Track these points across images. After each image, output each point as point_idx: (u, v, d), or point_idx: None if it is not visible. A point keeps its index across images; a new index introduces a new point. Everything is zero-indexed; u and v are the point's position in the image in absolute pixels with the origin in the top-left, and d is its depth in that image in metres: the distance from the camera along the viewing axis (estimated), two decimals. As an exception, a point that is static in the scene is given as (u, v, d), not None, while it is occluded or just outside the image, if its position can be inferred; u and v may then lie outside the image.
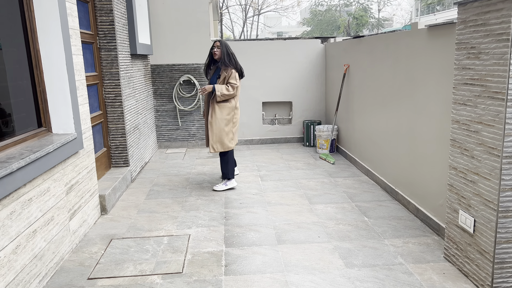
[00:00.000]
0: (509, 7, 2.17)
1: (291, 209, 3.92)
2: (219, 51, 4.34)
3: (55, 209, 2.91)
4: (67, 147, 3.09)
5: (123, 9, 4.87)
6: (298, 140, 6.90)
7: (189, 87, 6.53)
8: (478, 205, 2.51)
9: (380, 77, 4.43)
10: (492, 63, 2.31)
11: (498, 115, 2.28)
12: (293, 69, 6.67)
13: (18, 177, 2.37)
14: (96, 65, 4.43)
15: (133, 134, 5.10)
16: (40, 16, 3.04)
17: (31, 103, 3.06)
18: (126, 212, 3.94)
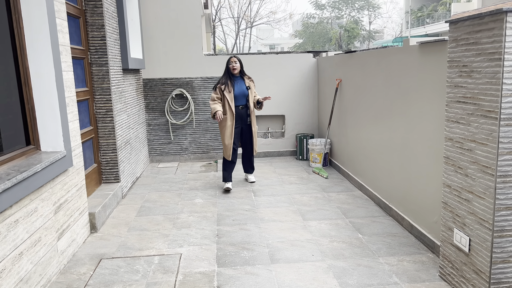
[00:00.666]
0: (500, 27, 2.18)
1: (285, 226, 3.87)
2: (237, 65, 4.89)
3: (43, 229, 2.84)
4: (56, 165, 3.02)
5: (115, 24, 4.84)
6: (291, 154, 6.88)
7: (182, 101, 6.50)
8: (473, 224, 2.49)
9: (372, 92, 4.43)
10: (485, 82, 2.31)
11: (492, 134, 2.27)
12: (286, 83, 6.67)
13: (3, 199, 2.30)
14: (87, 80, 4.39)
15: (124, 149, 5.04)
16: (30, 33, 3.00)
17: (20, 120, 3.00)
18: (117, 230, 3.86)
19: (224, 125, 4.93)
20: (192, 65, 6.42)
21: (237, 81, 4.96)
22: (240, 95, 4.92)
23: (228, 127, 4.91)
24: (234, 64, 4.89)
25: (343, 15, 36.87)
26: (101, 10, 4.40)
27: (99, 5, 4.39)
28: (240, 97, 4.94)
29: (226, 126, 4.91)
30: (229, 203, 4.54)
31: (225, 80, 4.91)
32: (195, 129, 6.59)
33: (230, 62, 4.93)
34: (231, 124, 4.90)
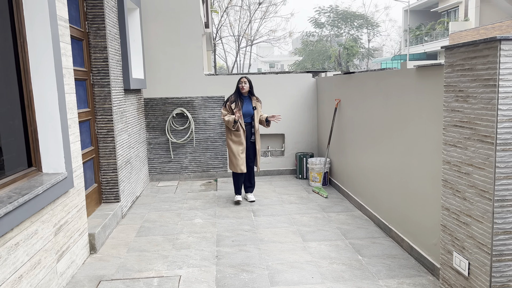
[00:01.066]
0: (494, 54, 2.23)
1: (284, 247, 3.87)
2: (246, 86, 5.14)
3: (43, 251, 2.85)
4: (57, 187, 3.04)
5: (117, 45, 4.93)
6: (291, 172, 6.90)
7: (182, 120, 6.55)
8: (472, 247, 2.50)
9: (371, 113, 4.48)
10: (480, 107, 2.35)
11: (488, 159, 2.30)
12: (285, 102, 6.74)
13: (5, 222, 2.32)
14: (89, 101, 4.44)
15: (125, 168, 5.06)
16: (34, 56, 3.06)
17: (22, 142, 3.04)
18: (116, 251, 3.86)
19: (237, 141, 5.17)
20: (193, 84, 6.49)
21: (245, 100, 5.23)
22: (246, 114, 5.19)
23: (242, 142, 5.17)
24: (243, 84, 5.16)
25: (342, 33, 37.31)
26: (104, 33, 4.49)
27: (102, 27, 4.47)
28: (246, 115, 5.21)
29: (240, 141, 5.17)
30: (228, 223, 4.54)
31: (234, 98, 5.19)
32: (195, 148, 6.63)
33: (240, 82, 5.19)
34: (243, 139, 5.17)
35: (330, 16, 36.79)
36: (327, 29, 37.61)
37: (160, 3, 6.29)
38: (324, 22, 37.26)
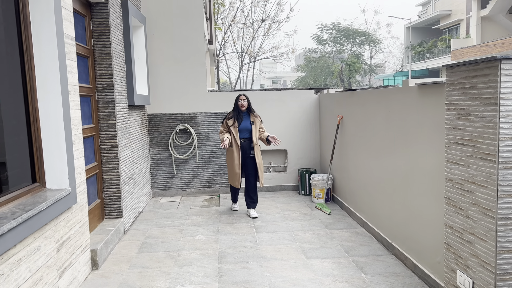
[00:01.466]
0: (495, 73, 2.25)
1: (287, 264, 3.85)
2: (245, 103, 5.37)
3: (45, 268, 2.84)
4: (60, 203, 3.06)
5: (122, 62, 4.99)
6: (293, 188, 6.89)
7: (185, 136, 6.59)
8: (476, 266, 2.48)
9: (373, 130, 4.50)
10: (482, 125, 2.37)
11: (491, 177, 2.31)
12: (288, 118, 6.77)
13: (8, 238, 2.33)
14: (93, 117, 4.48)
15: (128, 184, 5.07)
16: (40, 73, 3.11)
17: (27, 158, 3.06)
18: (118, 267, 3.85)
19: (231, 157, 5.40)
20: (196, 100, 6.55)
21: (243, 116, 5.43)
22: (244, 129, 5.40)
23: (235, 159, 5.37)
24: (242, 102, 5.39)
25: (344, 49, 37.64)
26: (109, 50, 4.55)
27: (107, 45, 4.55)
28: (244, 131, 5.40)
29: (233, 157, 5.38)
30: (231, 240, 4.52)
31: (232, 115, 5.43)
32: (198, 164, 6.64)
33: (239, 99, 5.41)
34: (238, 156, 5.37)
35: (333, 33, 37.21)
36: (330, 45, 37.98)
37: (165, 20, 6.39)
38: (326, 39, 37.66)
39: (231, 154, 5.40)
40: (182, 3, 6.41)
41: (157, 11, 6.36)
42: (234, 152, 5.37)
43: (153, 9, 6.34)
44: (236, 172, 5.38)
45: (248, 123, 5.41)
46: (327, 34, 37.48)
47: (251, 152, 5.41)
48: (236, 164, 5.36)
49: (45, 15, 3.10)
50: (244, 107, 5.39)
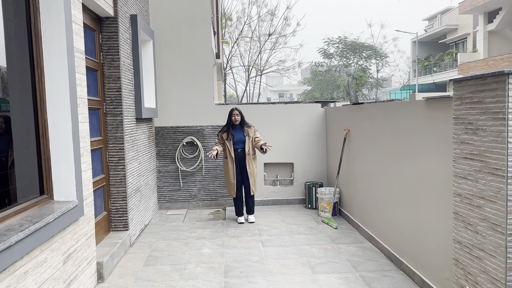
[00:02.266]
0: (502, 88, 2.25)
1: (293, 279, 3.81)
2: (239, 118, 5.66)
3: (51, 280, 2.84)
4: (67, 215, 3.07)
5: (130, 76, 5.05)
6: (300, 202, 6.85)
7: (192, 148, 6.61)
8: (485, 283, 2.44)
9: (380, 143, 4.48)
10: (490, 140, 2.35)
11: (500, 192, 2.29)
12: (294, 131, 6.78)
13: (15, 250, 2.34)
14: (101, 129, 4.52)
15: (134, 196, 5.08)
16: (50, 87, 3.16)
17: (35, 170, 3.09)
18: (123, 280, 3.83)
19: (227, 168, 5.75)
20: (203, 113, 6.59)
21: (236, 129, 5.73)
22: (238, 141, 5.70)
23: (230, 169, 5.69)
24: (236, 117, 5.68)
25: (351, 63, 37.74)
26: (118, 63, 4.61)
27: (116, 58, 4.61)
28: (238, 142, 5.71)
29: (228, 168, 5.72)
30: (237, 254, 4.50)
31: (226, 129, 5.74)
32: (204, 176, 6.65)
33: (232, 115, 5.70)
34: (232, 167, 5.68)
35: (339, 47, 37.35)
36: (336, 59, 38.11)
37: (173, 35, 6.47)
38: (333, 53, 37.80)
39: (226, 165, 5.74)
40: (190, 18, 6.49)
41: (166, 26, 6.44)
42: (228, 164, 5.70)
43: (161, 23, 6.43)
44: (231, 182, 5.70)
45: (242, 135, 5.71)
46: (334, 48, 37.64)
47: (245, 161, 5.70)
48: (231, 174, 5.68)
49: (56, 29, 3.15)
50: (237, 121, 5.69)
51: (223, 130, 5.74)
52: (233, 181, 5.69)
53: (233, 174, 5.67)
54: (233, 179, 5.68)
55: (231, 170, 5.67)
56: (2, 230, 2.40)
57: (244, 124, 5.75)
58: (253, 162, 5.77)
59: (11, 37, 2.87)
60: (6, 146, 2.79)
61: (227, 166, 5.71)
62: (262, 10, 32.40)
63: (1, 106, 2.81)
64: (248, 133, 5.70)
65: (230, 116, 5.69)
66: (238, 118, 5.67)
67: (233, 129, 5.69)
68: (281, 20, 32.19)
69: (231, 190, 5.74)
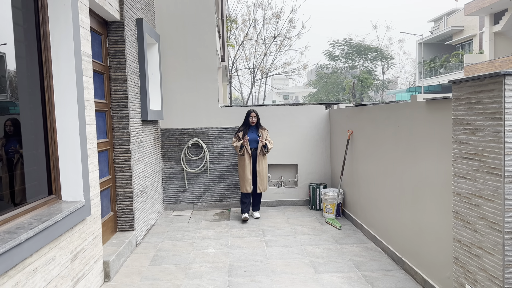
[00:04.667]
0: (499, 89, 2.29)
1: (296, 278, 3.86)
2: (256, 119, 6.02)
3: (59, 278, 2.92)
4: (75, 214, 3.15)
5: (136, 78, 5.14)
6: (304, 203, 6.90)
7: (197, 150, 6.69)
8: (484, 280, 2.48)
9: (382, 144, 4.53)
10: (488, 140, 2.40)
11: (497, 191, 2.33)
12: (298, 133, 6.83)
13: (25, 247, 2.41)
14: (108, 131, 4.61)
15: (140, 197, 5.16)
16: (59, 89, 3.24)
17: (44, 171, 3.17)
18: (129, 279, 3.91)
19: (243, 164, 5.97)
20: (208, 116, 6.66)
21: (252, 129, 6.03)
22: (253, 140, 6.00)
23: (247, 165, 5.95)
24: (253, 118, 6.04)
25: (356, 65, 37.72)
26: (124, 67, 4.70)
27: (122, 62, 4.70)
28: (252, 142, 6.00)
29: (245, 164, 5.95)
30: (241, 254, 4.56)
31: (243, 128, 6.04)
32: (209, 178, 6.72)
33: (250, 116, 6.04)
34: (249, 163, 5.95)
35: (344, 49, 37.35)
36: (341, 61, 38.11)
37: (178, 38, 6.56)
38: (338, 55, 37.81)
39: (243, 161, 5.97)
40: (195, 22, 6.58)
41: (171, 29, 6.54)
42: (245, 160, 5.95)
43: (167, 27, 6.52)
44: (248, 178, 5.95)
45: (256, 135, 6.01)
46: (339, 50, 37.65)
47: (256, 160, 6.01)
48: (247, 170, 5.93)
49: (63, 34, 3.24)
50: (254, 123, 6.04)
51: (240, 130, 6.06)
52: (250, 177, 5.94)
53: (250, 170, 5.94)
54: (250, 174, 5.94)
55: (247, 166, 5.93)
56: (12, 228, 2.48)
57: (259, 126, 6.08)
58: (262, 161, 6.02)
59: (21, 42, 2.96)
60: (16, 148, 2.87)
61: (244, 162, 5.95)
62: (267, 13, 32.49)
63: (10, 109, 2.90)
64: (262, 134, 6.01)
65: (248, 117, 6.03)
66: (255, 120, 6.03)
67: (248, 129, 6.02)
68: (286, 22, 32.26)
69: (248, 185, 5.95)
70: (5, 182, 2.72)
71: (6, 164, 2.75)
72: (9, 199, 2.75)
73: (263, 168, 6.02)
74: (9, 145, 2.84)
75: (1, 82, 2.77)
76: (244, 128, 6.03)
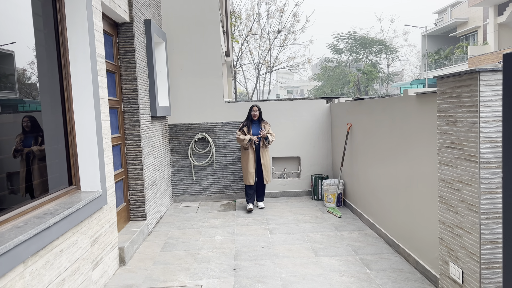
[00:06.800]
0: (475, 84, 2.55)
1: (298, 261, 4.15)
2: (257, 113, 6.22)
3: (81, 260, 3.23)
4: (93, 203, 3.45)
5: (145, 77, 5.43)
6: (307, 194, 7.18)
7: (204, 144, 6.98)
8: (464, 257, 2.75)
9: (379, 136, 4.79)
10: (466, 130, 2.66)
11: (474, 176, 2.59)
12: (301, 127, 7.10)
13: (53, 231, 2.72)
14: (120, 127, 4.91)
15: (151, 189, 5.47)
16: (76, 89, 3.54)
17: (64, 164, 3.48)
18: (143, 264, 4.22)
19: (246, 158, 6.22)
20: (214, 111, 6.95)
21: (255, 124, 6.26)
22: (255, 134, 6.23)
23: (251, 159, 6.18)
24: (255, 112, 6.24)
25: (361, 58, 37.76)
26: (134, 66, 4.99)
27: (132, 61, 4.98)
28: (255, 135, 6.22)
29: (249, 158, 6.19)
30: (246, 240, 4.85)
31: (246, 123, 6.25)
32: (215, 170, 7.01)
33: (252, 110, 6.26)
34: (252, 157, 6.19)
35: (349, 42, 37.40)
36: (346, 54, 38.17)
37: (184, 37, 6.83)
38: (342, 48, 37.87)
39: (246, 155, 6.21)
40: (200, 21, 6.84)
41: (177, 28, 6.81)
42: (249, 154, 6.18)
43: (173, 26, 6.80)
44: (251, 171, 6.18)
45: (259, 129, 6.23)
46: (343, 43, 37.71)
47: (260, 153, 6.25)
48: (251, 164, 6.16)
49: (80, 38, 3.53)
50: (256, 116, 6.24)
51: (243, 124, 6.26)
52: (252, 170, 6.19)
53: (253, 164, 6.17)
54: (253, 168, 6.17)
55: (251, 160, 6.16)
56: (40, 214, 2.78)
57: (262, 120, 6.29)
58: (266, 154, 6.28)
59: (42, 45, 3.25)
60: (36, 143, 3.17)
61: (247, 156, 6.19)
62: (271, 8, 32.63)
63: (31, 107, 3.19)
64: (264, 127, 6.23)
65: (250, 112, 6.24)
66: (257, 114, 6.23)
67: (251, 124, 6.22)
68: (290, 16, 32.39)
69: (251, 178, 6.19)
70: (30, 174, 3.02)
71: (32, 157, 3.05)
72: (35, 190, 3.06)
73: (267, 160, 6.27)
74: (31, 141, 3.13)
75: (31, 86, 3.06)
76: (248, 123, 6.25)
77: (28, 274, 2.47)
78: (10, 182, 2.84)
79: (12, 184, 2.84)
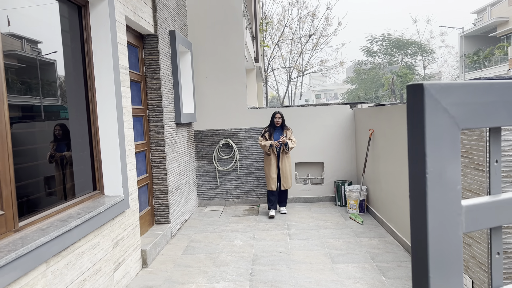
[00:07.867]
0: (482, 93, 2.53)
1: (314, 267, 4.19)
2: (280, 120, 6.29)
3: (103, 261, 3.42)
4: (116, 207, 3.65)
5: (170, 85, 5.64)
6: (330, 200, 7.17)
7: (228, 150, 7.13)
8: (474, 267, 2.72)
9: (399, 143, 4.75)
10: (474, 139, 2.64)
11: (482, 185, 2.57)
12: (324, 132, 7.11)
13: (75, 233, 2.91)
14: (145, 134, 5.13)
15: (175, 193, 5.66)
16: (100, 99, 3.76)
17: (89, 170, 3.70)
18: (164, 266, 4.39)
19: (269, 163, 6.30)
20: (238, 117, 7.09)
21: (277, 130, 6.32)
22: (277, 140, 6.27)
23: (273, 165, 6.27)
24: (277, 119, 6.31)
25: (396, 60, 37.01)
26: (158, 75, 5.20)
27: (157, 71, 5.20)
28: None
29: (271, 164, 6.27)
30: (265, 245, 4.93)
31: (269, 129, 6.35)
32: (239, 176, 7.14)
33: (275, 117, 6.32)
34: (274, 162, 6.27)
35: (383, 44, 36.73)
36: (380, 57, 37.51)
37: (209, 46, 7.03)
38: (376, 51, 37.25)
39: (269, 161, 6.30)
40: (224, 31, 7.02)
41: (202, 38, 7.01)
42: (271, 160, 6.27)
43: (198, 36, 7.01)
44: (273, 177, 6.27)
45: (281, 134, 6.29)
46: (377, 45, 37.08)
47: (279, 159, 6.34)
48: (273, 170, 6.25)
49: (104, 51, 3.75)
50: (278, 124, 6.29)
51: (266, 130, 6.36)
52: (274, 176, 6.27)
53: (275, 170, 6.26)
54: (275, 173, 6.26)
55: (273, 166, 6.25)
56: (64, 217, 2.99)
57: (284, 126, 6.35)
58: (286, 160, 6.32)
59: (69, 59, 3.49)
60: (66, 150, 3.40)
61: (270, 161, 6.28)
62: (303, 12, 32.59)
63: (60, 114, 3.43)
64: (286, 134, 6.29)
65: (273, 118, 6.31)
66: (280, 121, 6.30)
67: (274, 130, 6.31)
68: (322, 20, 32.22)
69: (272, 183, 6.28)
70: (59, 179, 3.25)
71: (59, 164, 3.28)
72: (62, 194, 3.28)
73: (285, 166, 6.32)
74: (62, 148, 3.37)
75: (64, 95, 3.30)
76: (270, 129, 6.33)
77: (50, 273, 2.67)
78: (48, 185, 3.11)
79: (50, 187, 3.11)
